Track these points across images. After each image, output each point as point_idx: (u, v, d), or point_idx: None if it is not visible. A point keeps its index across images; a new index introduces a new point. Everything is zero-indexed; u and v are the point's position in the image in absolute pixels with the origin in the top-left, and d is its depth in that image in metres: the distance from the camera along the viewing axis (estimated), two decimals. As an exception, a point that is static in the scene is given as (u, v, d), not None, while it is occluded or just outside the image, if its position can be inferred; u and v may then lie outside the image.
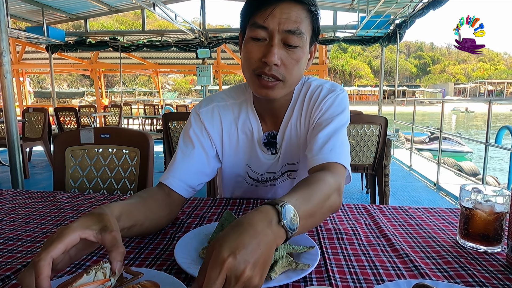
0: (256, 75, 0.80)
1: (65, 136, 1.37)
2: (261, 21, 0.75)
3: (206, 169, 0.92)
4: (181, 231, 0.79)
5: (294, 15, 0.75)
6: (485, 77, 62.35)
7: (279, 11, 0.74)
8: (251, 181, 1.02)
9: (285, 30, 0.75)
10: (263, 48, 0.77)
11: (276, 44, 0.76)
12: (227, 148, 0.96)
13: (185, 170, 0.86)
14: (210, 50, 7.71)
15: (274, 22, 0.75)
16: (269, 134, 0.95)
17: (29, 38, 7.70)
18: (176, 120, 2.91)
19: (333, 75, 63.07)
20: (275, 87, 0.80)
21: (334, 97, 0.90)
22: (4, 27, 2.36)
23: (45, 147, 4.78)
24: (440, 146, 4.73)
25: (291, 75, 0.80)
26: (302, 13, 0.76)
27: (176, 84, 49.46)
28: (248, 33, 0.79)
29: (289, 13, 0.75)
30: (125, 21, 44.80)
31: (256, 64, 0.79)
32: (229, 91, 0.99)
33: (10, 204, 0.99)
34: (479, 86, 53.46)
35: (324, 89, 0.92)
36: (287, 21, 0.75)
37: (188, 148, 0.90)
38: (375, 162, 2.70)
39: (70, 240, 0.48)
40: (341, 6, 7.59)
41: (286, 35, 0.76)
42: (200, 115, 0.94)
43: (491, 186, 0.72)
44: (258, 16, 0.76)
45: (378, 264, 0.64)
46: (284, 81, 0.80)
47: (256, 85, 0.81)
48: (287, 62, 0.78)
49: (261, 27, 0.76)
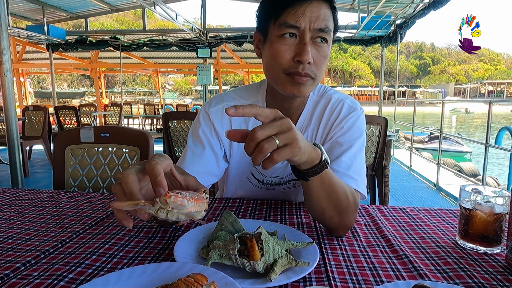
0: (288, 73, 0.79)
1: (65, 135, 1.37)
2: (292, 20, 0.76)
3: (215, 170, 0.92)
4: (180, 231, 0.79)
5: (322, 13, 0.77)
6: (485, 78, 62.36)
7: (310, 10, 0.75)
8: (256, 182, 1.01)
9: (317, 28, 0.76)
10: (294, 47, 0.77)
11: (308, 42, 0.76)
12: (236, 149, 0.95)
13: (195, 171, 0.85)
14: (210, 50, 7.72)
15: (305, 21, 0.75)
16: None
17: (29, 37, 7.71)
18: (176, 119, 2.91)
19: (333, 75, 63.08)
20: (306, 84, 0.80)
21: (356, 117, 0.91)
22: (4, 25, 2.36)
23: (45, 145, 4.78)
24: (440, 147, 4.74)
25: (320, 72, 0.81)
26: (328, 10, 0.78)
27: (177, 84, 49.45)
28: (276, 32, 0.78)
29: (319, 12, 0.76)
30: (125, 21, 44.81)
31: (288, 64, 0.78)
32: (240, 91, 0.99)
33: (10, 203, 0.99)
34: (480, 87, 53.49)
35: (345, 105, 0.93)
36: (317, 19, 0.76)
37: (198, 148, 0.90)
38: (375, 163, 2.70)
39: (166, 167, 0.54)
40: (342, 6, 7.59)
41: (316, 33, 0.77)
42: (210, 114, 0.93)
43: (490, 187, 0.72)
44: (289, 15, 0.76)
45: (378, 265, 0.64)
46: (315, 79, 0.81)
47: (287, 83, 0.81)
48: (317, 60, 0.79)
49: (292, 26, 0.76)
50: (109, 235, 0.76)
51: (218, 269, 0.55)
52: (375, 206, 0.97)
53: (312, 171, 0.64)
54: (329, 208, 0.71)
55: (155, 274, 0.52)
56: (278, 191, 1.02)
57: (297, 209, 0.94)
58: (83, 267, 0.61)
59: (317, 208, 0.72)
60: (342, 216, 0.72)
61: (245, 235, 0.61)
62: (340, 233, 0.76)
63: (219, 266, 0.59)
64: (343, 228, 0.75)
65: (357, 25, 6.81)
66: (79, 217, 0.87)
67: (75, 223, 0.83)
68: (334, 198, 0.70)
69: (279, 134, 0.53)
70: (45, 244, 0.71)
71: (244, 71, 14.53)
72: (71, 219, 0.85)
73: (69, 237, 0.74)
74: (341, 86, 52.19)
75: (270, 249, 0.59)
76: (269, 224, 0.78)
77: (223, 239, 0.65)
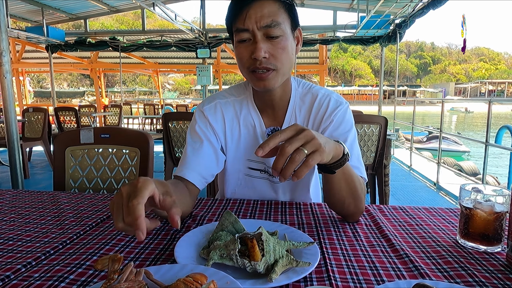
0: (251, 71, 0.87)
1: (65, 136, 1.37)
2: (241, 25, 0.84)
3: (215, 161, 0.99)
4: (181, 232, 0.79)
5: (266, 11, 0.83)
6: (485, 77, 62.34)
7: (253, 11, 0.83)
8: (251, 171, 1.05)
9: (263, 26, 0.83)
10: (250, 47, 0.85)
11: (260, 40, 0.83)
12: (230, 142, 1.02)
13: (198, 163, 0.94)
14: (210, 50, 7.71)
15: (251, 22, 0.83)
16: (273, 129, 1.01)
17: (29, 38, 7.70)
18: (176, 120, 2.91)
19: (334, 74, 63.08)
20: (269, 77, 0.87)
21: (344, 111, 0.98)
22: (4, 27, 2.36)
23: (45, 147, 4.78)
24: (440, 146, 4.73)
25: (281, 62, 0.87)
26: (273, 6, 0.84)
27: (177, 83, 49.45)
28: (235, 38, 0.88)
29: (262, 10, 0.83)
30: (125, 21, 44.79)
31: (248, 62, 0.87)
32: (230, 90, 1.07)
33: (10, 204, 0.99)
34: (480, 86, 53.46)
35: (332, 99, 1.00)
36: (261, 18, 0.82)
37: (196, 143, 0.97)
38: (375, 162, 2.70)
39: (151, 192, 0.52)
40: (341, 6, 7.58)
41: (265, 29, 0.83)
42: (204, 111, 1.01)
43: (491, 185, 0.72)
44: (238, 21, 0.84)
45: (378, 264, 0.64)
46: (277, 70, 0.87)
47: (253, 80, 0.89)
48: (274, 52, 0.85)
49: (242, 30, 0.84)
50: (109, 236, 0.76)
51: (219, 269, 0.55)
52: (375, 205, 0.97)
53: (337, 164, 0.72)
54: (348, 196, 0.80)
55: (156, 277, 0.52)
56: (274, 184, 1.05)
57: (297, 209, 0.94)
58: (84, 268, 0.61)
59: (338, 197, 0.80)
60: (357, 202, 0.81)
61: (246, 235, 0.61)
62: (355, 218, 0.85)
63: (220, 267, 0.59)
64: (358, 213, 0.84)
65: (357, 25, 6.80)
66: (79, 218, 0.87)
67: (76, 224, 0.83)
68: (352, 186, 0.79)
69: (305, 144, 0.61)
70: (46, 246, 0.71)
71: (244, 71, 14.48)
72: (71, 220, 0.85)
73: (70, 238, 0.74)
74: (342, 85, 52.20)
75: (271, 249, 0.59)
76: (269, 224, 0.78)
77: (224, 239, 0.65)
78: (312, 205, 0.97)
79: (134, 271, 0.51)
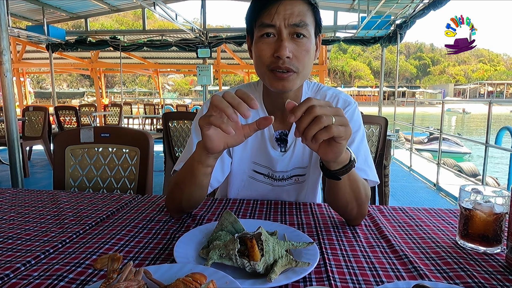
0: (270, 70, 0.84)
1: (65, 135, 1.37)
2: (268, 20, 0.81)
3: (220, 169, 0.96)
4: (180, 231, 0.79)
5: (296, 10, 0.81)
6: (485, 78, 62.34)
7: (283, 8, 0.80)
8: (256, 175, 1.02)
9: (291, 24, 0.81)
10: (273, 45, 0.82)
11: (285, 38, 0.81)
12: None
13: None
14: (210, 50, 7.71)
15: (280, 19, 0.80)
16: (282, 133, 0.98)
17: (29, 37, 7.71)
18: (176, 119, 2.91)
19: (333, 76, 63.07)
20: (289, 78, 0.84)
21: (352, 111, 0.97)
22: (4, 26, 2.36)
23: (45, 146, 4.78)
24: (440, 147, 4.74)
25: (303, 65, 0.84)
26: (303, 6, 0.82)
27: (176, 84, 49.42)
28: (257, 33, 0.84)
29: (292, 8, 0.81)
30: (125, 22, 44.77)
31: (269, 60, 0.83)
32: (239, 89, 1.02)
33: (10, 203, 0.99)
34: (479, 87, 53.48)
35: (340, 99, 0.99)
36: (291, 15, 0.80)
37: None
38: (375, 163, 2.70)
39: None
40: (342, 6, 7.59)
41: (292, 28, 0.81)
42: None
43: (490, 187, 0.72)
44: (264, 16, 0.82)
45: (378, 265, 0.64)
46: (298, 72, 0.84)
47: (271, 79, 0.85)
48: (298, 54, 0.83)
49: (268, 25, 0.81)
50: (109, 235, 0.76)
51: (218, 269, 0.55)
52: (375, 206, 0.97)
53: (343, 170, 0.71)
54: (351, 201, 0.78)
55: (155, 276, 0.52)
56: (281, 187, 1.03)
57: (297, 209, 0.94)
58: (83, 267, 0.61)
59: (342, 202, 0.78)
60: (360, 207, 0.79)
61: (245, 235, 0.61)
62: (357, 222, 0.83)
63: (219, 266, 0.59)
64: (360, 218, 0.83)
65: (357, 25, 6.81)
66: (79, 217, 0.87)
67: (75, 223, 0.83)
68: (357, 192, 0.77)
69: (335, 116, 0.60)
70: (45, 245, 0.71)
71: (244, 71, 14.51)
72: (71, 219, 0.85)
73: (69, 237, 0.74)
74: (341, 86, 52.18)
75: (270, 249, 0.59)
76: (269, 224, 0.78)
77: (223, 239, 0.65)
78: (312, 206, 0.97)
79: (134, 270, 0.51)
